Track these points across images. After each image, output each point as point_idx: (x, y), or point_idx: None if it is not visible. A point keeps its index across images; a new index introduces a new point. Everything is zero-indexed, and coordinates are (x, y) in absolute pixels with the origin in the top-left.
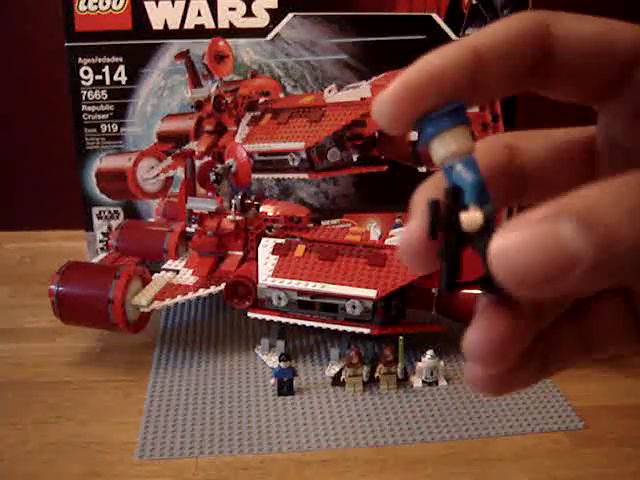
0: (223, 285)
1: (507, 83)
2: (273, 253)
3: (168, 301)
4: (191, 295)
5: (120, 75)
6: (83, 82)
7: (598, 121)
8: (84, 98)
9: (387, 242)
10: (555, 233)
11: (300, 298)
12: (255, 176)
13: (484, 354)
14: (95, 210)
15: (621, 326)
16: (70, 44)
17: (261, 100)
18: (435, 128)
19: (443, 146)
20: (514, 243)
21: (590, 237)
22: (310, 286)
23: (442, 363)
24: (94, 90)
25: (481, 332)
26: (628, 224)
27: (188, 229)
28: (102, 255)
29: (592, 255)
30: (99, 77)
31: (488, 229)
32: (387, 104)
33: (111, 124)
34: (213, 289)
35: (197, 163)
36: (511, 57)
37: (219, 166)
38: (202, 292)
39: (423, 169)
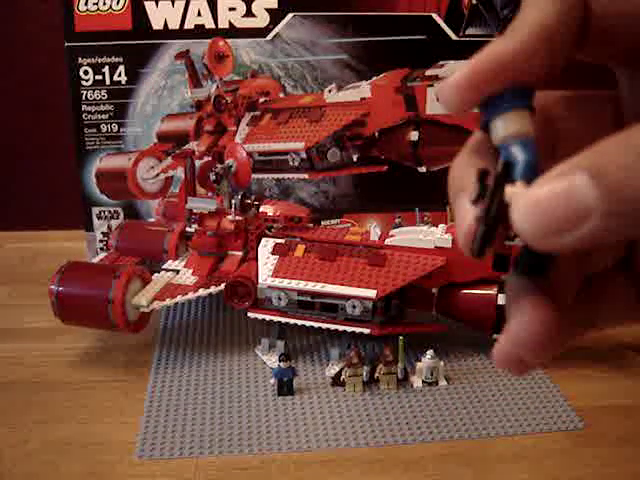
0: (223, 285)
1: (564, 59)
2: (273, 253)
3: (168, 301)
4: (191, 295)
5: (120, 75)
6: (83, 82)
7: (626, 86)
8: (84, 98)
9: (387, 242)
10: (570, 186)
11: (300, 298)
12: (255, 176)
13: (535, 347)
14: (95, 210)
15: (624, 297)
16: (70, 44)
17: (261, 100)
18: (499, 109)
19: (504, 126)
20: (535, 198)
21: (601, 188)
22: (310, 286)
23: (442, 363)
24: (94, 90)
25: (529, 325)
26: (636, 173)
27: (188, 229)
28: (102, 255)
29: (603, 205)
30: (99, 77)
31: None
32: (455, 88)
33: (111, 124)
34: (213, 289)
35: (197, 163)
36: (566, 34)
37: (219, 166)
38: (202, 292)
39: (423, 169)
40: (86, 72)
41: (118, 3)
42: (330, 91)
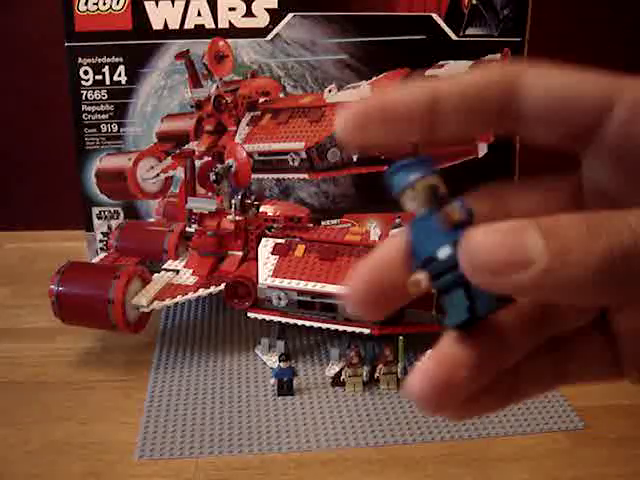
0: (223, 285)
1: (471, 125)
2: (273, 253)
3: (168, 301)
4: (191, 295)
5: (120, 75)
6: (83, 82)
7: (581, 166)
8: (84, 98)
9: None
10: (520, 235)
11: (300, 298)
12: (255, 176)
13: (431, 397)
14: (95, 210)
15: (598, 359)
16: (70, 44)
17: (261, 100)
18: (399, 183)
19: (406, 202)
20: (484, 235)
21: (548, 246)
22: (310, 286)
23: None
24: (94, 90)
25: (430, 372)
26: (584, 247)
27: (188, 229)
28: (102, 255)
29: (545, 260)
30: (99, 77)
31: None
32: (342, 125)
33: (111, 124)
34: (213, 289)
35: (197, 163)
36: (473, 102)
37: (219, 166)
38: (202, 292)
39: None
40: (86, 72)
41: (118, 3)
42: (330, 91)
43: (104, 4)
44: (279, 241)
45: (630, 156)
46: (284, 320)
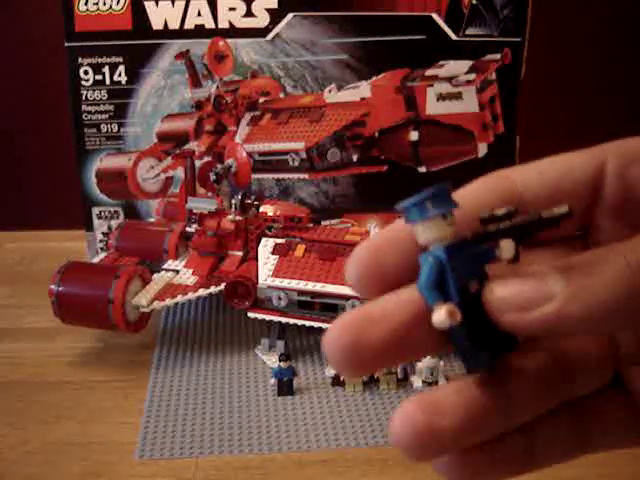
0: (223, 285)
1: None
2: (273, 253)
3: (168, 301)
4: (191, 295)
5: (120, 75)
6: (83, 82)
7: (590, 234)
8: (84, 98)
9: None
10: (540, 276)
11: (300, 298)
12: (255, 176)
13: (412, 443)
14: (95, 210)
15: (621, 424)
16: (70, 44)
17: (261, 100)
18: (416, 217)
19: (419, 235)
20: (505, 282)
21: (567, 282)
22: (310, 286)
23: (442, 363)
24: (94, 90)
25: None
26: (604, 287)
27: (188, 229)
28: (102, 255)
29: (567, 290)
30: (99, 77)
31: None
32: (353, 273)
33: (111, 124)
34: (213, 289)
35: (197, 163)
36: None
37: (219, 166)
38: (202, 292)
39: (423, 169)
40: (86, 72)
41: (118, 3)
42: (330, 91)
43: (104, 4)
44: (279, 241)
45: (631, 207)
46: (284, 320)
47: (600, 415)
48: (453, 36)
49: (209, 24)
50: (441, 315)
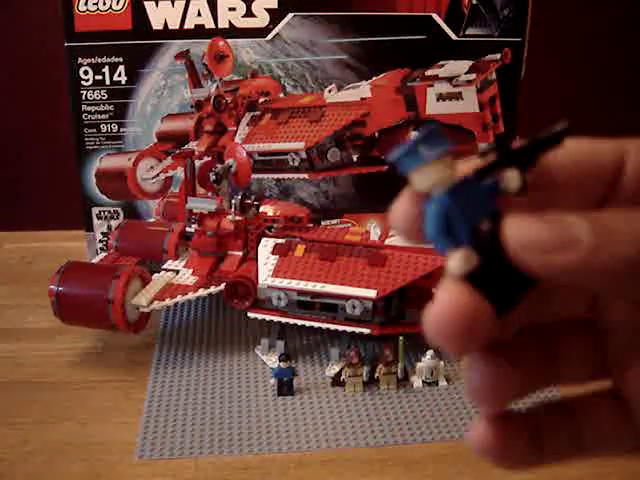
0: (223, 285)
1: None
2: (273, 253)
3: (168, 301)
4: (191, 295)
5: (120, 75)
6: (83, 82)
7: None
8: (84, 98)
9: (387, 242)
10: (563, 220)
11: (300, 298)
12: (255, 176)
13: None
14: (95, 210)
15: (612, 426)
16: (70, 44)
17: (261, 100)
18: (408, 167)
19: (418, 183)
20: (527, 220)
21: (592, 229)
22: (310, 286)
23: (442, 363)
24: (94, 90)
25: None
26: (628, 236)
27: (188, 229)
28: (102, 255)
29: (590, 240)
30: (99, 77)
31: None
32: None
33: (111, 124)
34: (213, 289)
35: (197, 163)
36: None
37: (219, 166)
38: (202, 292)
39: None
40: (86, 72)
41: (118, 3)
42: (330, 91)
43: (104, 4)
44: (279, 241)
45: None
46: (284, 320)
47: (593, 418)
48: (453, 36)
49: (209, 24)
50: (456, 261)
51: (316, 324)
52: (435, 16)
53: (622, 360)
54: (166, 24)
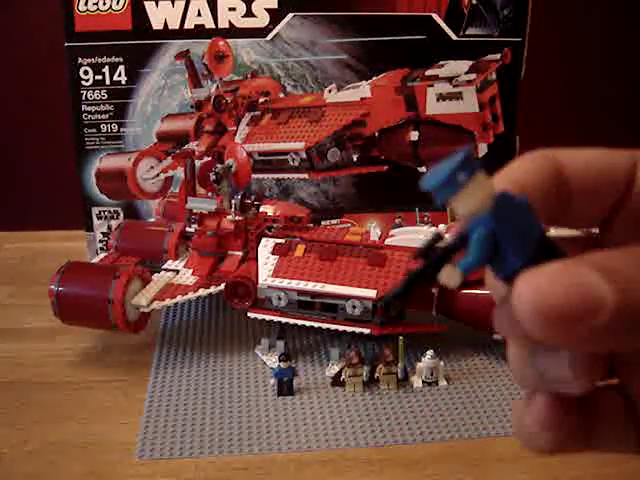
0: (223, 285)
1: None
2: (273, 253)
3: (168, 301)
4: (191, 295)
5: (120, 75)
6: (83, 82)
7: (606, 236)
8: (84, 98)
9: (387, 242)
10: (581, 279)
11: (300, 298)
12: (255, 176)
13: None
14: (95, 210)
15: (620, 424)
16: (70, 44)
17: (261, 100)
18: (448, 192)
19: (459, 206)
20: (545, 281)
21: (612, 286)
22: (310, 286)
23: (442, 363)
24: (94, 90)
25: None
26: None
27: (188, 229)
28: (102, 255)
29: (614, 300)
30: (99, 77)
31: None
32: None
33: (111, 124)
34: (213, 289)
35: (197, 163)
36: (544, 195)
37: (219, 166)
38: (202, 292)
39: (423, 169)
40: (86, 72)
41: (118, 3)
42: (330, 91)
43: (104, 4)
44: (279, 241)
45: None
46: (284, 320)
47: (600, 414)
48: (453, 36)
49: (209, 24)
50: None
51: (316, 324)
52: (435, 16)
53: (629, 361)
54: (166, 24)
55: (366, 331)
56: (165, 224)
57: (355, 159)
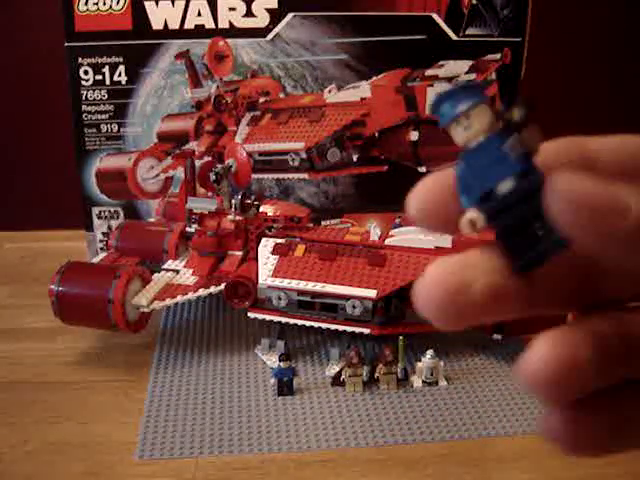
0: (223, 285)
1: None
2: (273, 253)
3: (168, 301)
4: (191, 295)
5: (120, 75)
6: (83, 82)
7: None
8: (84, 98)
9: (387, 242)
10: (611, 185)
11: (300, 298)
12: (255, 176)
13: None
14: (95, 210)
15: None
16: (70, 44)
17: (261, 100)
18: (449, 112)
19: (457, 134)
20: (578, 179)
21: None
22: (310, 286)
23: (442, 363)
24: (94, 90)
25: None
26: None
27: (188, 229)
28: (102, 255)
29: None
30: (99, 77)
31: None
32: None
33: (111, 124)
34: (213, 289)
35: (197, 163)
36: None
37: (219, 166)
38: (202, 292)
39: (423, 169)
40: (86, 72)
41: (118, 3)
42: (330, 91)
43: (104, 4)
44: (279, 241)
45: None
46: (284, 320)
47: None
48: (453, 36)
49: (209, 24)
50: (464, 222)
51: (316, 324)
52: (435, 16)
53: None
54: (166, 24)
55: (366, 331)
56: (165, 224)
57: (355, 159)
